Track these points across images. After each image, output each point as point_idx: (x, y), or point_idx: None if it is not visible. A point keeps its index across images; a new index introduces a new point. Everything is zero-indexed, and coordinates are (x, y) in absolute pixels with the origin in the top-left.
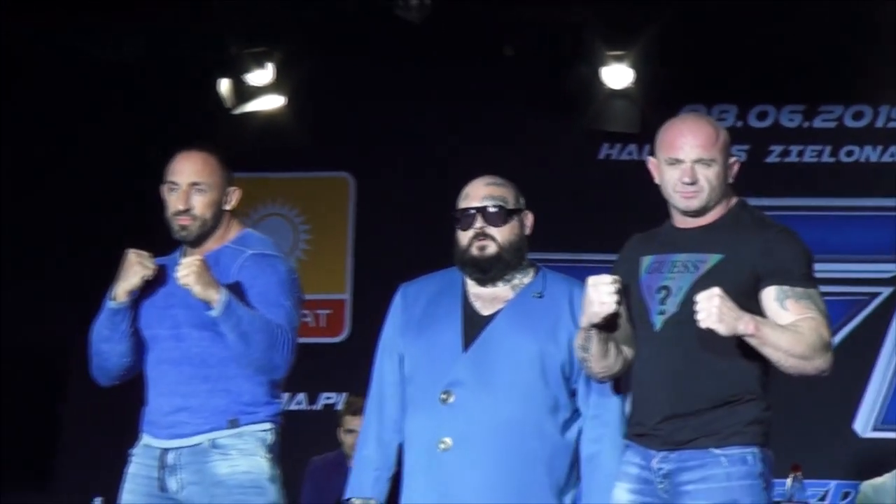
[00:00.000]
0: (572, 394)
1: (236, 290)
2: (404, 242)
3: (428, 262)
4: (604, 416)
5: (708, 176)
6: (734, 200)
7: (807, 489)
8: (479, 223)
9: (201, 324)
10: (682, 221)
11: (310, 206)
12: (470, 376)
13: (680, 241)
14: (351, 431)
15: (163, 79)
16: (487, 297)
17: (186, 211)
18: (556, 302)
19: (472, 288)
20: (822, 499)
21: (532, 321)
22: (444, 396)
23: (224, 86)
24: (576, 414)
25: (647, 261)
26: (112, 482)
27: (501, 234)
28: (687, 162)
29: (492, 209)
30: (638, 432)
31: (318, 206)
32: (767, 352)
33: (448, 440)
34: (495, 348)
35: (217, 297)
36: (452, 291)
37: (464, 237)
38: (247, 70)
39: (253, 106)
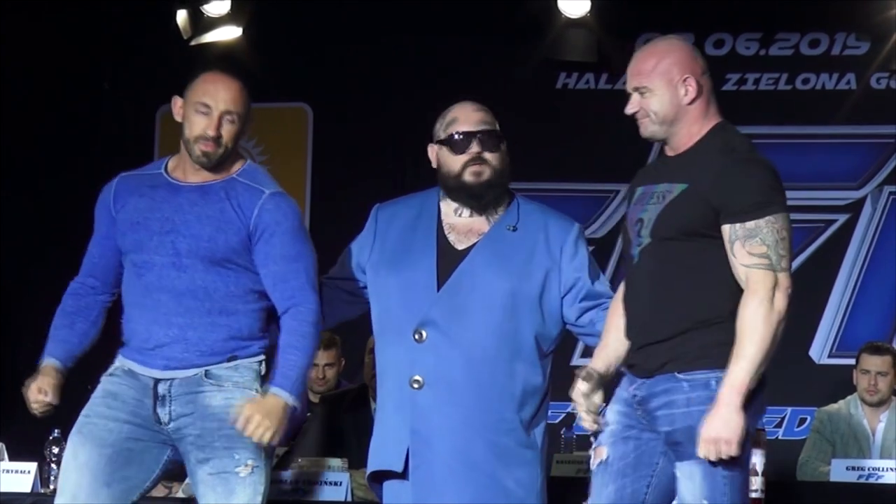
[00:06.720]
0: (554, 330)
1: (258, 233)
2: (362, 173)
3: (385, 192)
4: None
5: (647, 105)
6: (713, 124)
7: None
8: (475, 147)
9: (207, 257)
10: (668, 149)
11: (268, 136)
12: (442, 316)
13: (662, 170)
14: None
15: (119, 9)
16: (462, 229)
17: (214, 138)
18: (531, 235)
19: (448, 218)
20: (779, 425)
21: (505, 257)
22: (416, 337)
23: (181, 16)
24: (550, 352)
25: (638, 192)
26: (71, 415)
27: (496, 159)
28: (630, 91)
29: (488, 134)
30: (626, 362)
31: (276, 137)
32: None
33: (420, 378)
34: (468, 287)
35: (290, 403)
36: (427, 222)
37: (456, 162)
38: (203, 0)
39: (210, 37)
